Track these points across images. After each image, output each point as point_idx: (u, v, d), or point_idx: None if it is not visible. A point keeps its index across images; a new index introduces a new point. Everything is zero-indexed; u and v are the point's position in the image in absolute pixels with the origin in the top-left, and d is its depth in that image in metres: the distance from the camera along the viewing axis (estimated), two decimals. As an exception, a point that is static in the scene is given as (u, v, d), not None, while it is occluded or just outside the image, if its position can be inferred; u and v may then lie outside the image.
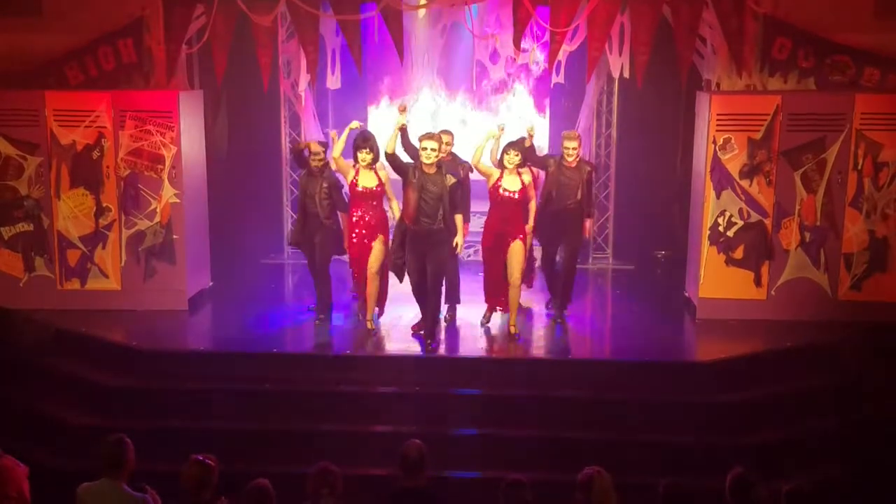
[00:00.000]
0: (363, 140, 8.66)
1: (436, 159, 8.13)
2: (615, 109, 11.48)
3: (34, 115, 9.22)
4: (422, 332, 8.57)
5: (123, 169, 9.33)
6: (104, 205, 9.40)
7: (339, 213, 9.02)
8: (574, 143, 8.94)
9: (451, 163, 8.92)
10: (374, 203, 8.71)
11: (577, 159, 8.96)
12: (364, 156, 8.57)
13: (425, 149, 8.09)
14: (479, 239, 9.32)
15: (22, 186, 9.36)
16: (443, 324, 8.96)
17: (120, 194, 9.38)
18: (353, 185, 8.66)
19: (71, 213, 9.41)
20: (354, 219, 8.71)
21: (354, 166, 8.66)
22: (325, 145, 9.29)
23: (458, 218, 8.37)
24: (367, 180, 8.63)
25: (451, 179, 8.17)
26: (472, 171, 9.10)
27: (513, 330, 8.75)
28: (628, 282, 11.19)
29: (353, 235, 8.73)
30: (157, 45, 9.29)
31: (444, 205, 8.16)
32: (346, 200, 8.93)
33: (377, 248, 8.67)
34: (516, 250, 8.62)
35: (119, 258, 9.51)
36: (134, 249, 9.48)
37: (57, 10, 9.30)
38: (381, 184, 8.66)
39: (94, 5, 9.22)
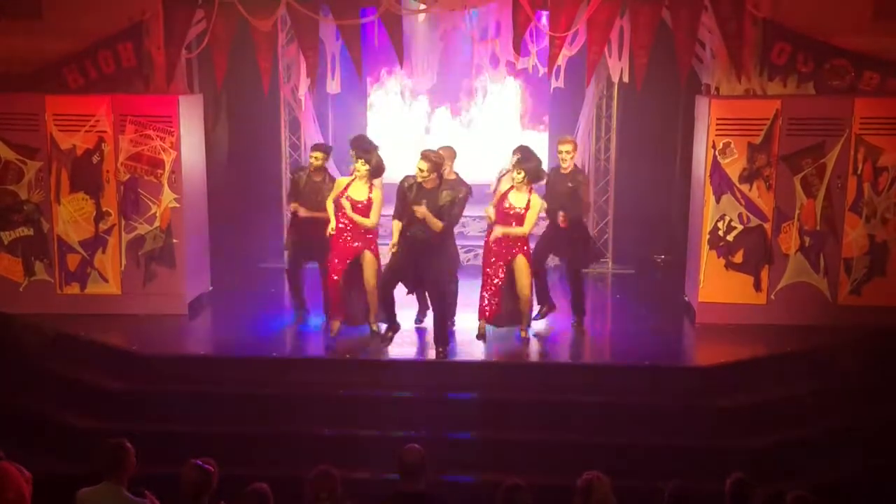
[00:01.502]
0: (364, 151, 8.44)
1: (427, 178, 8.04)
2: (615, 113, 11.48)
3: (34, 120, 9.21)
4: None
5: (123, 173, 9.33)
6: (104, 209, 9.39)
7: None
8: (568, 147, 8.93)
9: (456, 182, 8.86)
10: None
11: (572, 166, 8.98)
12: (360, 166, 8.40)
13: (421, 170, 8.01)
14: (480, 243, 9.28)
15: (22, 191, 9.35)
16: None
17: (120, 199, 9.38)
18: (342, 193, 8.46)
19: (71, 217, 9.41)
20: (340, 226, 8.51)
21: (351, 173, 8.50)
22: (328, 149, 9.29)
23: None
24: (357, 192, 8.47)
25: (446, 197, 8.09)
26: (471, 195, 8.94)
27: (523, 334, 8.72)
28: (628, 286, 11.19)
29: (338, 242, 8.53)
30: (157, 50, 9.29)
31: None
32: None
33: (370, 260, 8.56)
34: (522, 264, 8.53)
35: (119, 262, 9.50)
36: (134, 254, 9.47)
37: (57, 13, 9.29)
38: (369, 200, 8.44)
39: (93, 9, 9.21)
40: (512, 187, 8.54)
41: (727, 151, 9.04)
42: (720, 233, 9.20)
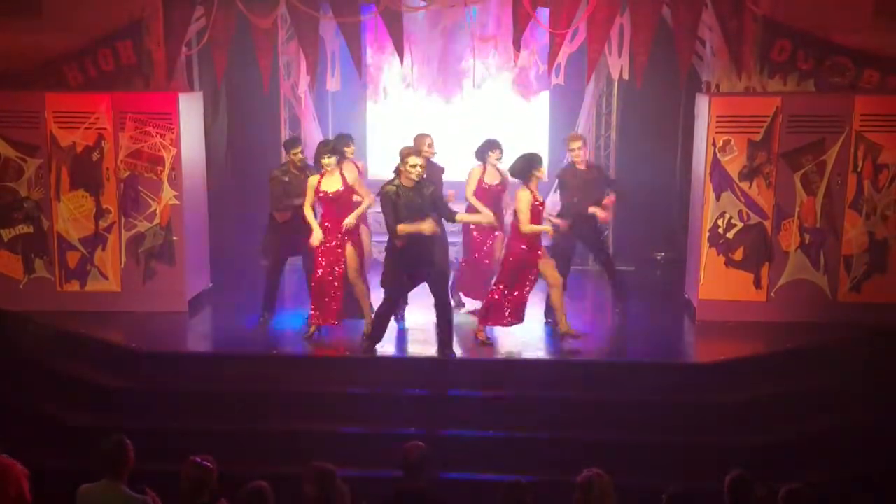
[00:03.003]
0: (323, 144, 8.62)
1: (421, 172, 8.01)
2: (615, 111, 11.48)
3: (34, 117, 9.22)
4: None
5: (123, 171, 9.33)
6: (104, 206, 9.40)
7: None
8: (579, 144, 9.24)
9: (430, 167, 8.87)
10: (340, 209, 8.51)
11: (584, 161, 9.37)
12: (326, 160, 8.39)
13: (414, 166, 7.92)
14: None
15: (22, 188, 9.36)
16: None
17: (120, 196, 9.38)
18: (317, 191, 8.49)
19: (71, 214, 9.41)
20: (327, 225, 8.56)
21: (321, 172, 8.50)
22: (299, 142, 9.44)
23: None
24: (330, 184, 8.48)
25: (430, 186, 8.08)
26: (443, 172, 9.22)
27: (563, 328, 8.59)
28: (628, 283, 11.14)
29: (322, 245, 8.51)
30: (157, 47, 9.29)
31: (432, 211, 8.06)
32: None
33: (351, 254, 8.59)
34: (548, 262, 8.51)
35: (119, 260, 9.50)
36: (133, 251, 9.48)
37: (56, 11, 9.29)
38: (346, 187, 8.49)
39: (93, 6, 9.22)
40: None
41: (727, 149, 9.04)
42: (720, 230, 9.20)
